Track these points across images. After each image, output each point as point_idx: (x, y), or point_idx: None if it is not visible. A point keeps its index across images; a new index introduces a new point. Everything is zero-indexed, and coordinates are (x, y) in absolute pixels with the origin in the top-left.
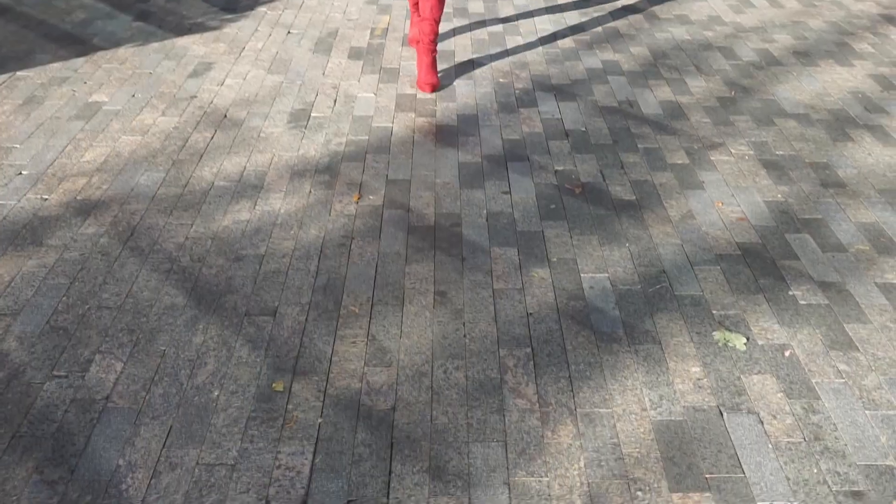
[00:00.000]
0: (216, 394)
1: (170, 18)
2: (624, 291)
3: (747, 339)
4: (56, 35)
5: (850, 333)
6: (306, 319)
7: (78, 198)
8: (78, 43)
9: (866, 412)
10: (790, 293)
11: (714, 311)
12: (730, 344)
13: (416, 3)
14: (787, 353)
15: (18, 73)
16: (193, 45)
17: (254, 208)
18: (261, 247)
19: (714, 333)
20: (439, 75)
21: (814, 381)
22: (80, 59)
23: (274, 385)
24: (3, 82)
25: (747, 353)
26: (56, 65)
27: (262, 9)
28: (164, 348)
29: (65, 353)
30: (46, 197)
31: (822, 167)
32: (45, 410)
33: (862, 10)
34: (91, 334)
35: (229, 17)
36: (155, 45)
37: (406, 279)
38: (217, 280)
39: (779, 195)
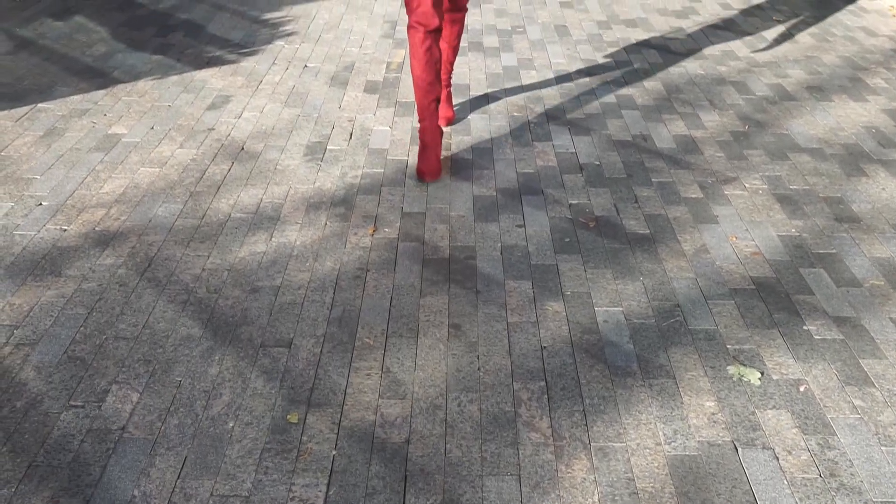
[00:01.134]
0: (231, 425)
1: (189, 52)
2: (638, 325)
3: (762, 373)
4: (77, 68)
5: (866, 369)
6: (321, 351)
7: (97, 229)
8: (98, 76)
9: (882, 448)
10: (805, 328)
11: (728, 346)
12: (744, 379)
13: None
14: (802, 389)
15: (40, 106)
16: (212, 79)
17: (270, 240)
18: (276, 278)
19: (729, 368)
20: (455, 108)
21: (829, 416)
22: (101, 92)
23: (289, 417)
24: (25, 114)
25: (762, 388)
26: (77, 97)
27: (279, 43)
28: (179, 379)
29: (82, 383)
30: (66, 228)
31: (837, 202)
32: (61, 440)
33: (875, 46)
34: (108, 365)
35: (247, 51)
36: (174, 78)
37: (420, 312)
38: (233, 311)
39: (793, 230)
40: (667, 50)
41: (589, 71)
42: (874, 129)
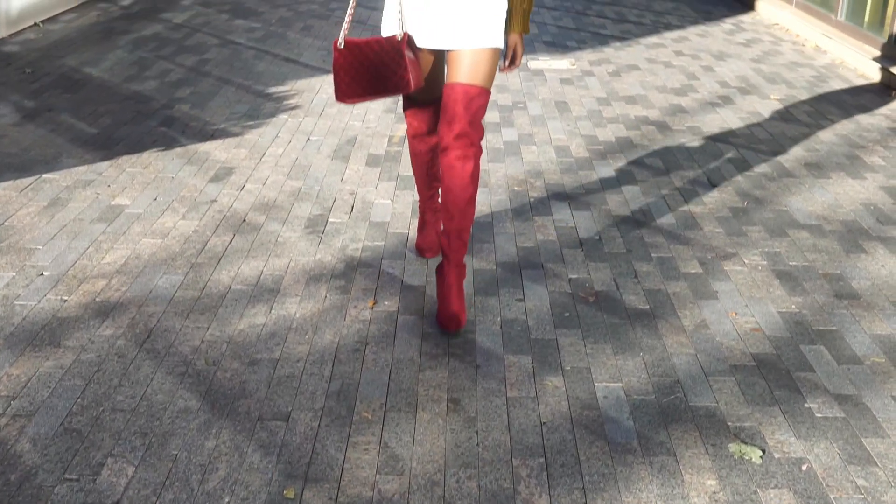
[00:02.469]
0: (227, 500)
1: (193, 124)
2: (638, 401)
3: (763, 451)
4: (83, 139)
5: (868, 448)
6: (319, 425)
7: (97, 299)
8: (104, 147)
9: None
10: (806, 405)
11: (729, 423)
12: (746, 457)
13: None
14: (804, 468)
15: (45, 176)
16: (215, 151)
17: (269, 312)
18: (275, 351)
19: (730, 446)
20: None
21: (832, 496)
22: (105, 163)
23: (285, 492)
24: (30, 185)
25: (764, 467)
26: (81, 168)
27: (283, 116)
28: (176, 452)
29: (77, 455)
30: (66, 298)
31: (836, 278)
32: None
33: (872, 124)
34: (104, 437)
35: (251, 123)
36: (178, 150)
37: (419, 386)
38: (231, 384)
39: (793, 306)
40: (666, 126)
41: (589, 146)
42: (872, 207)
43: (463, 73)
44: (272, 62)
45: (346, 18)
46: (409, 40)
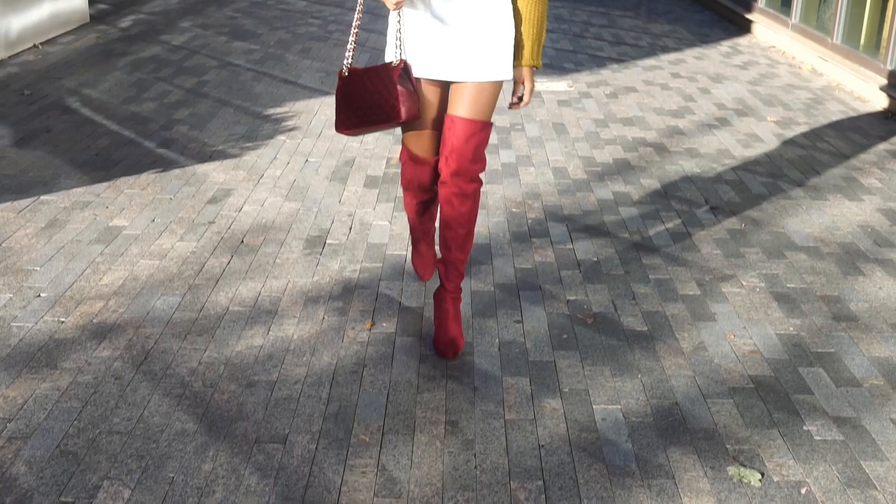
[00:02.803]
0: None
1: (192, 146)
2: (637, 424)
3: (762, 474)
4: (81, 161)
5: (868, 471)
6: (316, 448)
7: (94, 321)
8: (102, 169)
9: None
10: (805, 428)
11: (728, 446)
12: (745, 480)
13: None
14: (803, 491)
15: (43, 198)
16: (213, 172)
17: (267, 334)
18: (273, 373)
19: (728, 469)
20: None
21: None
22: (103, 185)
23: None
24: (28, 206)
25: (763, 490)
26: (80, 189)
27: (281, 137)
28: (172, 475)
29: (73, 478)
30: (63, 319)
31: (834, 300)
32: None
33: (868, 146)
34: (100, 459)
35: (249, 145)
36: (176, 171)
37: (417, 408)
38: (228, 406)
39: (791, 328)
40: (663, 148)
41: (586, 168)
42: (870, 229)
43: (466, 106)
44: (270, 84)
45: (350, 45)
46: (405, 68)
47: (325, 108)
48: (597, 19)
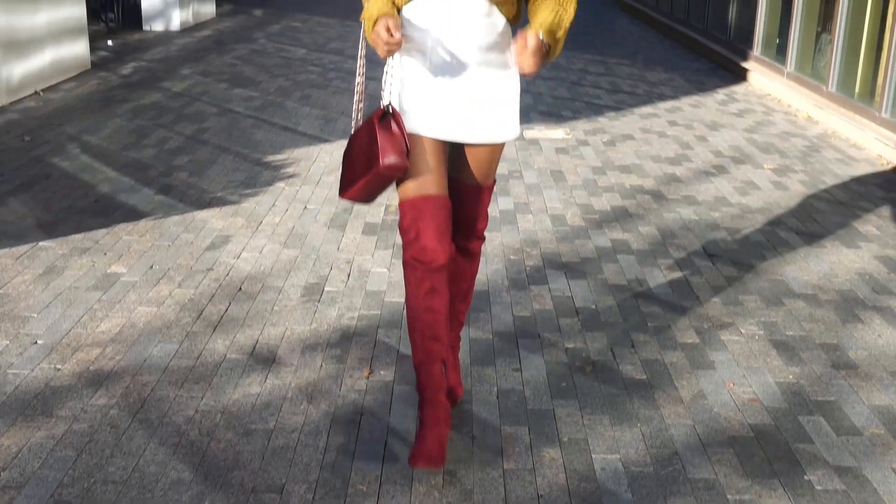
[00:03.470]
0: None
1: (191, 192)
2: (636, 473)
3: None
4: (80, 207)
5: None
6: (313, 498)
7: (91, 368)
8: (101, 215)
9: None
10: (806, 478)
11: (729, 496)
12: None
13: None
14: None
15: (41, 244)
16: (212, 219)
17: (265, 382)
18: (270, 421)
19: None
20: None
21: None
22: (102, 231)
23: None
24: (26, 252)
25: None
26: (78, 236)
27: (280, 184)
28: None
29: None
30: (60, 367)
31: (833, 348)
32: None
33: (865, 193)
34: None
35: (248, 191)
36: (175, 217)
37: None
38: (225, 455)
39: (790, 376)
40: (661, 196)
41: (584, 215)
42: (868, 276)
43: (476, 172)
44: (270, 131)
45: (356, 105)
46: (393, 113)
47: (324, 155)
48: (594, 67)
